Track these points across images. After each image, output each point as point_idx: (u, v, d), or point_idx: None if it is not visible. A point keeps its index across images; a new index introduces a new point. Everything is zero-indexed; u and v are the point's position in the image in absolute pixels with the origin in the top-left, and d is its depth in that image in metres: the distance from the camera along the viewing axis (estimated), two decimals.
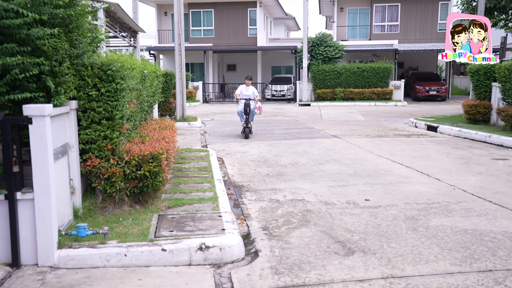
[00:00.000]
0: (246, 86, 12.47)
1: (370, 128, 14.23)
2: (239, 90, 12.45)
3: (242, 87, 12.52)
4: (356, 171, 7.89)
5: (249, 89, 12.42)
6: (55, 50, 4.14)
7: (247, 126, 12.16)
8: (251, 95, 12.36)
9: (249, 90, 12.41)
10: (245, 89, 12.43)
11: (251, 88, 12.48)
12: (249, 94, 12.34)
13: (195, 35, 30.61)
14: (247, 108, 12.04)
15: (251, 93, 12.39)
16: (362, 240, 4.61)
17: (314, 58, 26.30)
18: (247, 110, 12.05)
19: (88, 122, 4.95)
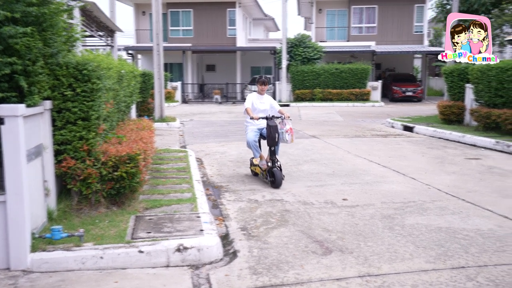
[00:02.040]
0: (259, 94, 7.37)
1: (348, 129, 14.38)
2: (249, 102, 7.24)
3: (253, 96, 7.35)
4: (334, 171, 7.96)
5: (264, 98, 7.37)
6: (28, 49, 4.05)
7: (274, 166, 6.89)
8: (268, 109, 7.28)
9: (265, 101, 7.34)
10: (258, 99, 7.33)
11: (267, 98, 7.41)
12: (266, 108, 7.25)
13: (174, 35, 30.40)
14: (274, 132, 6.84)
15: (269, 106, 7.31)
16: (340, 239, 4.65)
17: (293, 59, 26.46)
18: (274, 137, 6.85)
19: (63, 123, 4.86)
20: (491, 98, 12.17)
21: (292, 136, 7.02)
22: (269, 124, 6.84)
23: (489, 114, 11.80)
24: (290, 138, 6.97)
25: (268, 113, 7.17)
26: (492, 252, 4.28)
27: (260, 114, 7.12)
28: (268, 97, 7.45)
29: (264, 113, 7.17)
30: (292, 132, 7.01)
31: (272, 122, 6.85)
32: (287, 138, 6.93)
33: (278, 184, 6.77)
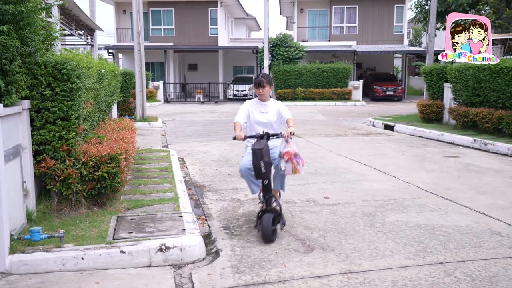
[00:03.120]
0: (259, 100, 5.08)
1: (330, 128, 14.50)
2: (242, 113, 5.00)
3: (250, 104, 5.10)
4: (316, 170, 8.02)
5: (268, 106, 5.04)
6: (5, 47, 3.98)
7: (268, 209, 4.68)
8: (275, 121, 5.01)
9: (268, 110, 5.03)
10: (258, 107, 5.06)
11: (272, 106, 5.05)
12: (270, 121, 4.99)
13: (155, 34, 30.17)
14: (258, 160, 4.50)
15: (276, 116, 5.01)
16: (322, 237, 4.70)
17: (275, 58, 26.53)
18: (259, 166, 4.52)
19: (42, 123, 4.79)
20: (469, 97, 12.42)
21: (295, 164, 4.45)
22: (252, 148, 4.43)
23: (467, 112, 12.04)
24: (289, 167, 4.44)
25: (274, 127, 4.90)
26: (469, 248, 4.38)
27: (259, 130, 4.86)
28: (274, 103, 4.99)
29: (266, 127, 4.87)
30: (293, 158, 4.44)
31: (259, 144, 4.45)
32: (283, 167, 4.47)
33: (265, 237, 4.48)
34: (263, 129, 4.90)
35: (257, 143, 4.58)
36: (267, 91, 4.99)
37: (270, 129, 4.94)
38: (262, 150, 4.45)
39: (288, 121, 4.83)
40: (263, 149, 4.45)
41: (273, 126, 4.99)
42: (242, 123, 4.90)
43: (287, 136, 4.53)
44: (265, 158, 4.44)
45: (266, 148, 4.52)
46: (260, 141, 4.62)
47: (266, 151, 4.50)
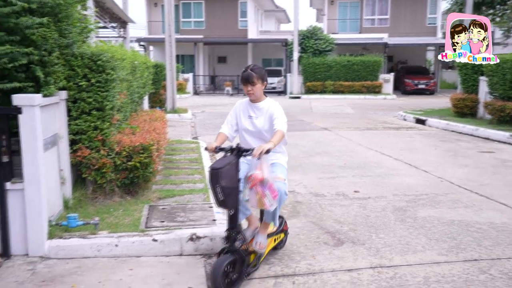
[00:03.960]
0: (250, 102, 3.81)
1: (360, 121, 14.32)
2: (229, 119, 3.88)
3: (240, 107, 3.86)
4: (346, 163, 7.95)
5: (260, 110, 3.75)
6: (44, 39, 4.10)
7: (230, 249, 3.46)
8: (261, 129, 3.73)
9: (259, 114, 3.75)
10: (248, 111, 3.81)
11: (265, 108, 3.74)
12: (258, 128, 3.74)
13: (185, 26, 30.41)
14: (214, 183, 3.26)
15: (267, 122, 3.70)
16: (351, 231, 4.66)
17: (304, 51, 26.33)
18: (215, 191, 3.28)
19: (78, 113, 4.92)
20: (506, 91, 12.00)
21: (260, 195, 3.32)
22: (209, 167, 3.29)
23: (504, 107, 11.65)
24: (253, 198, 3.37)
25: (265, 138, 3.68)
26: (505, 246, 4.27)
27: (249, 141, 3.75)
28: (268, 105, 3.73)
29: (254, 138, 3.74)
30: (258, 187, 3.31)
31: (220, 162, 3.31)
32: (247, 195, 3.47)
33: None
34: (251, 139, 3.72)
35: (220, 160, 3.35)
36: (258, 89, 3.64)
37: (260, 140, 3.68)
38: (220, 171, 3.18)
39: (275, 132, 3.49)
40: (221, 170, 3.18)
41: (264, 136, 3.67)
42: (228, 133, 3.80)
43: (256, 154, 3.23)
44: (221, 182, 3.19)
45: (229, 168, 3.28)
46: (226, 157, 3.40)
47: (227, 172, 3.24)
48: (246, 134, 3.78)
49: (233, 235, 3.48)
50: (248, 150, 3.44)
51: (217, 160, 3.38)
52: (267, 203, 3.34)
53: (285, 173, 3.80)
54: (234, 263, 3.42)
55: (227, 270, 3.31)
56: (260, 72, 3.68)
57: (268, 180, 3.31)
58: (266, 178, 3.30)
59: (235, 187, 3.39)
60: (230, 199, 3.34)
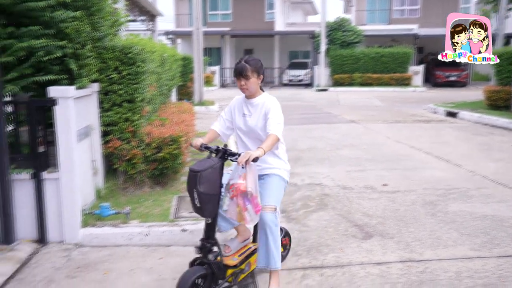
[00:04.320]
0: (245, 98, 3.34)
1: (388, 114, 14.09)
2: (225, 116, 3.44)
3: (237, 102, 3.42)
4: (374, 156, 7.85)
5: (255, 107, 3.29)
6: (77, 32, 4.19)
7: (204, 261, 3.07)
8: (256, 129, 3.26)
9: (254, 112, 3.29)
10: (242, 107, 3.35)
11: (261, 105, 3.27)
12: (251, 128, 3.28)
13: (212, 19, 30.51)
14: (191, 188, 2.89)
15: (262, 120, 3.24)
16: (380, 224, 4.62)
17: (332, 43, 26.04)
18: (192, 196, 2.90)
19: (110, 105, 5.02)
20: None
21: (241, 208, 2.89)
22: (189, 168, 2.92)
23: None
24: (232, 209, 2.94)
25: (261, 138, 3.22)
26: None
27: (245, 141, 3.34)
28: (264, 101, 3.27)
29: (249, 138, 3.30)
30: (239, 198, 2.88)
31: (201, 164, 2.93)
32: (226, 205, 3.00)
33: None
34: (247, 140, 3.30)
35: (201, 161, 2.95)
36: (253, 84, 3.19)
37: (257, 140, 3.24)
38: (200, 174, 2.81)
39: (267, 137, 3.03)
40: (200, 173, 2.81)
41: (260, 136, 3.21)
42: (219, 130, 3.38)
43: (241, 162, 2.78)
44: (199, 187, 2.81)
45: (210, 172, 2.87)
46: (209, 159, 2.99)
47: (207, 176, 2.85)
48: (241, 134, 3.34)
49: (208, 246, 3.04)
50: (235, 154, 3.00)
51: (199, 161, 2.97)
52: (248, 217, 2.89)
53: (280, 193, 3.21)
54: (205, 277, 3.01)
55: (197, 283, 2.94)
56: (255, 64, 3.20)
57: (251, 192, 2.83)
58: (249, 191, 2.82)
59: (215, 194, 2.91)
60: (208, 206, 2.91)
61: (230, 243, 3.41)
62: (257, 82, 3.25)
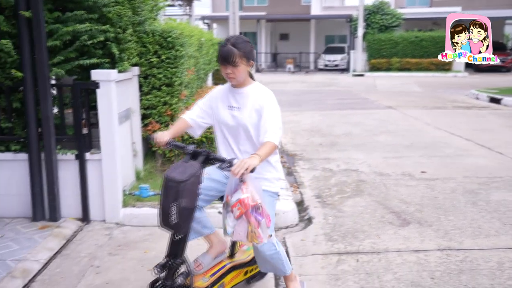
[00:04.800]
0: (231, 87, 2.69)
1: (427, 100, 13.71)
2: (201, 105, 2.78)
3: (220, 92, 2.76)
4: (412, 143, 7.69)
5: (244, 98, 2.64)
6: (119, 17, 4.27)
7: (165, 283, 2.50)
8: (246, 125, 2.61)
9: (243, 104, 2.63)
10: (227, 98, 2.70)
11: (252, 96, 2.63)
12: (239, 123, 2.62)
13: (248, 3, 30.36)
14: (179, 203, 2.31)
15: (255, 116, 2.59)
16: (418, 212, 4.54)
17: (369, 27, 25.45)
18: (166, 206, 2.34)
19: (149, 88, 5.12)
20: None
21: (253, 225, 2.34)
22: (165, 177, 2.38)
23: None
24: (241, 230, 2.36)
25: (249, 137, 2.65)
26: None
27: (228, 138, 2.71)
28: (256, 92, 2.66)
29: (236, 136, 2.68)
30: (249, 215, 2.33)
31: (180, 170, 2.38)
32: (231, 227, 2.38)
33: None
34: (233, 140, 2.68)
35: (180, 166, 2.40)
36: (241, 72, 2.56)
37: (243, 141, 2.65)
38: (184, 184, 2.29)
39: (264, 144, 2.45)
40: (185, 184, 2.29)
41: (249, 134, 2.62)
42: (191, 120, 2.74)
43: (237, 174, 2.23)
44: (182, 201, 2.30)
45: (193, 181, 2.35)
46: (188, 163, 2.42)
47: (191, 188, 2.34)
48: (225, 131, 2.68)
49: (174, 266, 2.48)
50: (222, 160, 2.41)
51: (175, 167, 2.39)
52: (261, 234, 2.35)
53: (273, 214, 2.64)
54: None
55: None
56: (244, 48, 2.54)
57: (261, 205, 2.34)
58: (259, 203, 2.33)
59: (194, 207, 2.42)
60: (187, 223, 2.40)
61: (201, 259, 2.84)
62: (247, 69, 2.61)
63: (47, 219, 4.04)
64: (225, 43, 2.57)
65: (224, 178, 2.72)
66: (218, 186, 2.73)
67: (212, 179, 2.71)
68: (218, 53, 2.58)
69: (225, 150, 2.73)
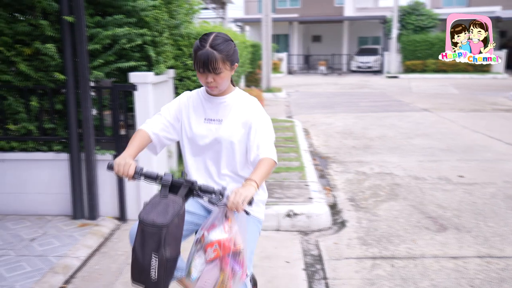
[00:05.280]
0: (207, 95, 2.17)
1: (465, 102, 13.33)
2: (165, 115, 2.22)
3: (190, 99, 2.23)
4: (449, 146, 7.49)
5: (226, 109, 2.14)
6: (156, 21, 4.36)
7: None
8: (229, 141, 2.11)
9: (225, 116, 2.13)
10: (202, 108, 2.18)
11: (235, 106, 2.14)
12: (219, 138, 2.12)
13: (281, 5, 30.39)
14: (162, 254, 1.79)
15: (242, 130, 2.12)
16: (456, 217, 4.42)
17: (404, 28, 25.01)
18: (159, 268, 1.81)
19: (184, 90, 5.19)
20: None
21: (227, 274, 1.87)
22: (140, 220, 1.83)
23: None
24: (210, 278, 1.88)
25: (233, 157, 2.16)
26: None
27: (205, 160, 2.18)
28: (241, 102, 2.16)
29: (212, 156, 2.17)
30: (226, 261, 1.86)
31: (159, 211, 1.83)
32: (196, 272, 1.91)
33: None
34: (209, 160, 2.16)
35: (157, 203, 1.87)
36: (225, 79, 2.07)
37: (225, 161, 2.15)
38: (167, 228, 1.79)
39: (261, 162, 2.01)
40: (168, 228, 1.80)
41: (233, 153, 2.14)
42: (152, 132, 2.18)
43: (238, 208, 1.82)
44: (165, 251, 1.81)
45: (177, 223, 1.85)
46: (169, 199, 1.88)
47: (175, 232, 1.85)
48: (201, 151, 2.16)
49: None
50: (211, 191, 1.89)
51: (154, 204, 1.84)
52: (233, 287, 1.90)
53: (254, 246, 2.17)
54: None
55: None
56: (227, 50, 2.01)
57: (242, 251, 1.89)
58: (242, 249, 1.88)
59: (179, 255, 1.91)
60: (170, 277, 1.91)
61: None
62: (230, 75, 2.10)
63: (86, 217, 4.17)
64: (202, 45, 1.99)
65: (202, 209, 2.25)
66: (194, 219, 2.20)
67: (187, 212, 2.05)
68: (195, 58, 2.02)
69: (200, 176, 2.16)
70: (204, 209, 2.28)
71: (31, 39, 3.95)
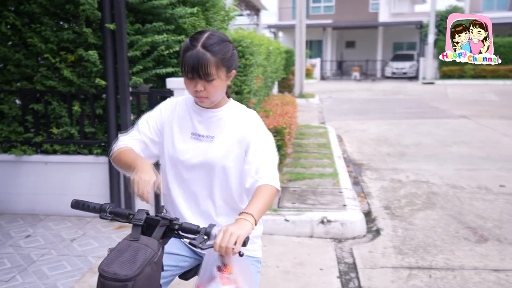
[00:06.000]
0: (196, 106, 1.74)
1: (505, 109, 12.89)
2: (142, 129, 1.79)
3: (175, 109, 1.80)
4: (489, 155, 7.26)
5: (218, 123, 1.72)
6: (193, 27, 4.44)
7: None
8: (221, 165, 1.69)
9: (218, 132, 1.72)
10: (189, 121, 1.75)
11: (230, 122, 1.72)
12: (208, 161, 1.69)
13: (314, 12, 30.33)
14: None
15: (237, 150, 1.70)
16: (497, 228, 4.27)
17: (441, 33, 24.45)
18: None
19: None
20: None
21: None
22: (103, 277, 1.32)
23: None
24: None
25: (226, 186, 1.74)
26: None
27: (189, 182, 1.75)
28: (238, 117, 1.74)
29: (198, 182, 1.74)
30: None
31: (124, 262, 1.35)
32: None
33: None
34: (194, 185, 1.76)
35: (123, 249, 1.41)
36: (218, 88, 1.65)
37: (218, 188, 1.75)
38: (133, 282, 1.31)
39: (259, 190, 1.61)
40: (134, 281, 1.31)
41: (227, 178, 1.74)
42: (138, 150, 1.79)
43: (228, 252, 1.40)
44: None
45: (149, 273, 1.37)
46: (140, 242, 1.43)
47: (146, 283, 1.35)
48: (182, 172, 1.76)
49: None
50: (194, 230, 1.48)
51: (119, 250, 1.40)
52: None
53: None
54: None
55: None
56: (223, 52, 1.63)
57: None
58: None
59: None
60: None
61: None
62: (225, 84, 1.70)
63: None
64: (193, 44, 1.60)
65: (187, 249, 1.84)
66: (178, 262, 1.81)
67: (168, 254, 1.73)
68: (182, 60, 1.63)
69: (186, 207, 1.77)
70: (189, 248, 1.83)
71: (74, 46, 4.10)
